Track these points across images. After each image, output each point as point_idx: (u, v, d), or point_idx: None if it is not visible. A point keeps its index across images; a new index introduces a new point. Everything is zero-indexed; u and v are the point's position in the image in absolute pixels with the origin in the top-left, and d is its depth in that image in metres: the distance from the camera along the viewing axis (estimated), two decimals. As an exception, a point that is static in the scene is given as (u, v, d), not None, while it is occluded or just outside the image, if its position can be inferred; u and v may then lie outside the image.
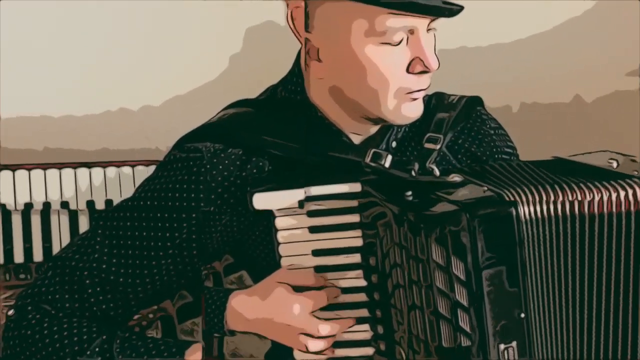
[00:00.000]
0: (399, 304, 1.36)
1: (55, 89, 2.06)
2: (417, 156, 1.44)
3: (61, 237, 1.97)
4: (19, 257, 1.93)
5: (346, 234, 1.40)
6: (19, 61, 2.03)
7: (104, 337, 1.29)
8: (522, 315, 1.07)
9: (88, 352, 1.28)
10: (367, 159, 1.37)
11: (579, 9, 2.38)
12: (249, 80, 1.46)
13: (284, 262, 1.42)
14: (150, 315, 1.80)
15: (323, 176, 1.39)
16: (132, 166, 2.04)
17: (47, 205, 1.98)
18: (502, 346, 1.06)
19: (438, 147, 1.42)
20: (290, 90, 1.44)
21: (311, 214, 1.41)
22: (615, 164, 1.32)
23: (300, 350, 1.38)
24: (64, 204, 2.00)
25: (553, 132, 2.50)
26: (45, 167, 1.99)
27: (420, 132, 1.47)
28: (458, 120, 1.49)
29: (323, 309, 1.42)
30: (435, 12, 1.33)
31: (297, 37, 1.40)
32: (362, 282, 1.41)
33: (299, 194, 1.40)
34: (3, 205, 1.95)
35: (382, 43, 1.34)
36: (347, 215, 1.41)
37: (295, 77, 1.44)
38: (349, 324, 1.37)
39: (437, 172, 1.36)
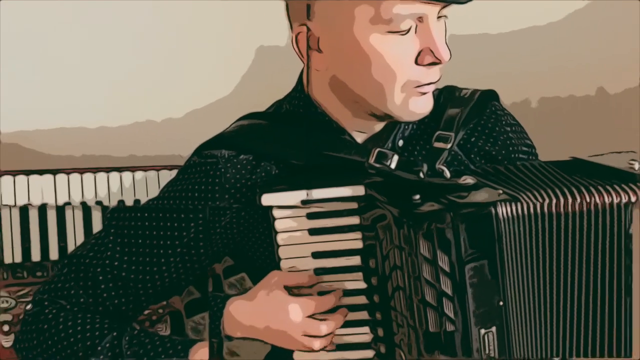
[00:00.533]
0: (399, 306, 1.18)
1: (91, 104, 2.06)
2: (425, 156, 1.21)
3: (75, 236, 1.90)
4: (35, 255, 1.84)
5: (346, 236, 1.22)
6: (60, 80, 2.03)
7: (114, 333, 1.17)
8: (501, 303, 1.01)
9: (99, 348, 1.16)
10: (371, 160, 1.15)
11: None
12: (259, 97, 1.32)
13: (283, 264, 1.24)
14: (160, 310, 1.69)
15: (326, 178, 1.20)
16: (157, 170, 1.99)
17: (63, 205, 1.93)
18: (482, 331, 0.99)
19: (449, 146, 1.19)
20: (293, 105, 1.25)
21: (311, 216, 1.23)
22: (637, 166, 1.14)
23: (300, 350, 1.20)
24: (98, 203, 1.95)
25: (575, 128, 2.12)
26: (82, 171, 1.97)
27: (429, 129, 1.23)
28: (471, 117, 1.23)
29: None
30: None
31: (300, 59, 1.21)
32: (362, 285, 1.22)
33: (299, 196, 1.22)
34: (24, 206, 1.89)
35: (389, 32, 1.10)
36: (347, 217, 1.22)
37: (298, 93, 1.26)
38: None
39: (448, 174, 1.14)
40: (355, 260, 1.21)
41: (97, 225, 1.86)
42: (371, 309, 1.21)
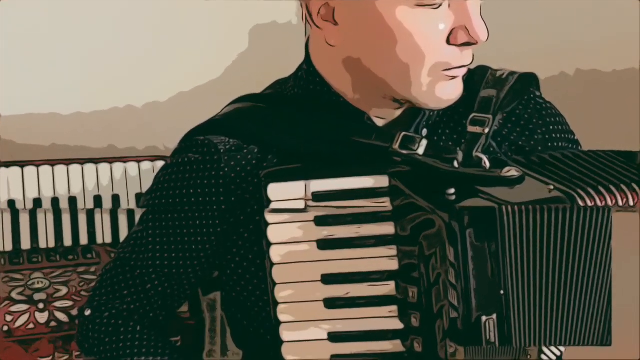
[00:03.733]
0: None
1: (64, 87, 1.55)
2: (457, 141, 0.87)
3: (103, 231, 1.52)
4: (67, 241, 1.51)
5: (374, 252, 0.71)
6: (26, 60, 1.54)
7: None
8: (502, 292, 0.78)
9: None
10: (396, 145, 0.80)
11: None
12: (252, 79, 0.97)
13: (279, 292, 0.69)
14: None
15: (339, 168, 0.76)
16: (138, 162, 1.53)
17: (55, 201, 1.53)
18: (484, 318, 0.77)
19: (486, 130, 0.84)
20: (301, 87, 0.85)
21: (321, 221, 0.70)
22: None
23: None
24: (72, 200, 1.52)
25: (618, 109, 1.48)
26: (53, 163, 1.53)
27: (457, 115, 0.88)
28: (508, 100, 0.88)
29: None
30: None
31: (311, 26, 0.82)
32: (397, 324, 0.71)
33: (300, 188, 0.71)
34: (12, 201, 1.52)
35: (418, 5, 0.79)
36: (376, 224, 0.71)
37: (308, 74, 0.85)
38: None
39: (488, 164, 0.80)
40: (388, 288, 0.71)
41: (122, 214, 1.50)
42: (409, 361, 0.69)
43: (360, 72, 0.82)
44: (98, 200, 1.49)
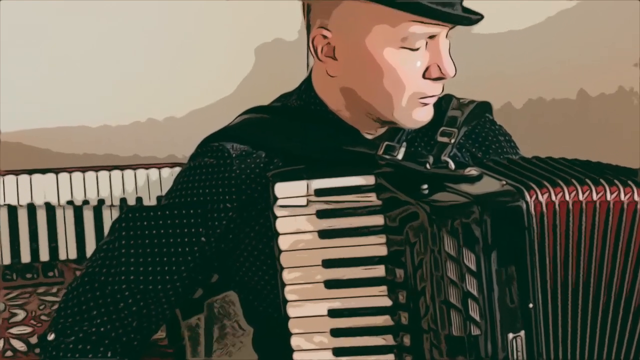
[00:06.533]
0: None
1: (92, 103, 1.64)
2: (430, 150, 0.96)
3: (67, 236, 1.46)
4: (25, 256, 1.43)
5: (366, 240, 0.78)
6: (61, 78, 1.61)
7: None
8: (531, 305, 0.76)
9: None
10: (380, 152, 0.90)
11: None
12: (261, 95, 1.03)
13: (286, 275, 0.78)
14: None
15: (335, 170, 0.84)
16: (159, 168, 1.58)
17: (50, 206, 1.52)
18: (510, 335, 0.74)
19: (452, 141, 0.96)
20: (303, 100, 0.95)
21: (322, 214, 0.78)
22: None
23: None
24: (100, 202, 1.53)
25: (556, 130, 1.66)
26: (84, 169, 1.56)
27: (430, 132, 0.99)
28: (469, 120, 1.00)
29: (338, 334, 0.78)
30: (462, 22, 0.91)
31: (314, 58, 0.92)
32: (386, 302, 0.78)
33: (303, 187, 0.80)
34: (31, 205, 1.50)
35: (402, 47, 0.90)
36: (368, 216, 0.78)
37: (308, 90, 0.97)
38: None
39: (453, 165, 0.89)
40: (378, 271, 0.78)
41: (88, 225, 1.45)
42: (397, 332, 0.76)
43: (354, 98, 0.92)
44: (124, 202, 1.51)
